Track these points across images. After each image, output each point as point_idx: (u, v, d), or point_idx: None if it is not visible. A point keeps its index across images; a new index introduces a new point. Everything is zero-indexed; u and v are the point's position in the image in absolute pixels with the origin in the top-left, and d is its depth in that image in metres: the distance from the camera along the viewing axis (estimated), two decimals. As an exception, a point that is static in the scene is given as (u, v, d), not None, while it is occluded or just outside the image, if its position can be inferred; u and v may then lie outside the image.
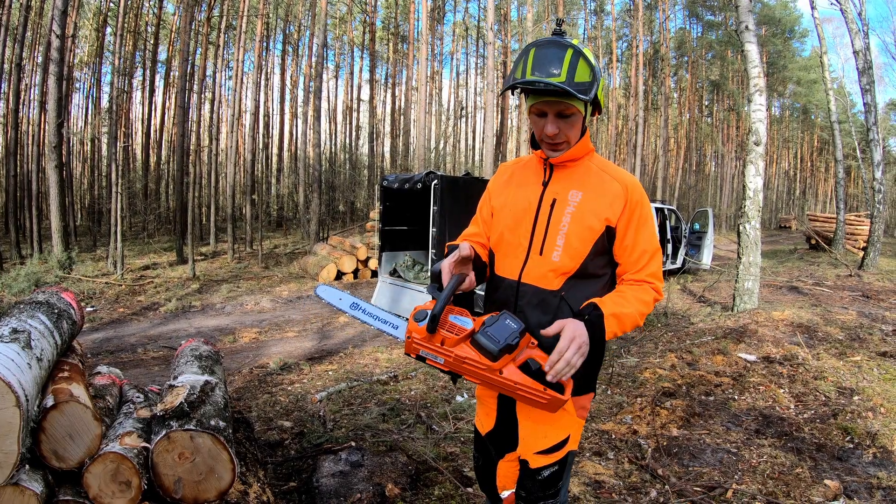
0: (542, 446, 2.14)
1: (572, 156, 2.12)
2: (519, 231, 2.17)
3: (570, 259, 2.07)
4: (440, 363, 1.92)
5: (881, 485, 3.91)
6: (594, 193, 2.08)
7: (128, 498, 2.34)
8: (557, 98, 1.95)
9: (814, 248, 23.31)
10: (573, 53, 1.90)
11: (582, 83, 1.89)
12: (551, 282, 2.09)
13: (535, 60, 1.91)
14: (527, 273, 2.13)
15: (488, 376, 1.86)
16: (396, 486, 3.76)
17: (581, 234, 2.05)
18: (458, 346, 1.89)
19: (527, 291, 2.14)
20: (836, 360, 6.62)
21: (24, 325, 2.55)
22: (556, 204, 2.11)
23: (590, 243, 2.06)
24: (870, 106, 17.41)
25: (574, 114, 2.00)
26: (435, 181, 9.99)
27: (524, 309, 2.13)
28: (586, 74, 1.90)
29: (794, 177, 63.94)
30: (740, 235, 9.85)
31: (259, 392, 6.35)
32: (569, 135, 2.05)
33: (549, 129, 2.02)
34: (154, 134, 33.36)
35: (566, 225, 2.07)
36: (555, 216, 2.10)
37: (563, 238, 2.06)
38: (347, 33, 40.75)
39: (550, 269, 2.09)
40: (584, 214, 2.06)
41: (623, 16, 43.03)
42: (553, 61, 1.89)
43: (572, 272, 2.08)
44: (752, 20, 9.94)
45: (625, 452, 4.51)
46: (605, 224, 2.05)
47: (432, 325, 1.88)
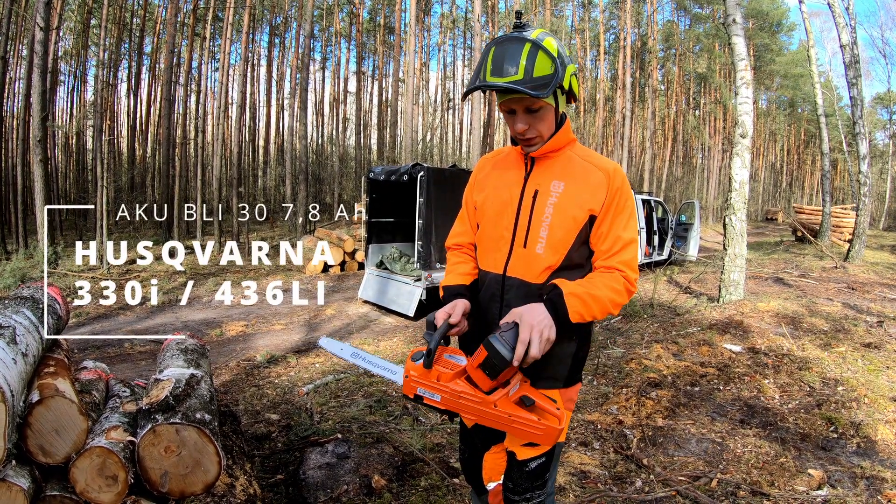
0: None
1: (552, 147, 2.10)
2: (501, 224, 2.16)
3: (553, 251, 2.05)
4: (437, 400, 1.94)
5: (864, 474, 3.96)
6: (577, 183, 2.07)
7: (115, 492, 2.34)
8: (521, 95, 1.93)
9: (800, 240, 23.45)
10: (531, 48, 1.88)
11: (542, 77, 1.87)
12: (536, 274, 2.08)
13: (493, 60, 1.90)
14: (511, 266, 2.13)
15: (483, 410, 1.88)
16: (383, 477, 3.78)
17: (564, 225, 2.04)
18: (453, 382, 1.91)
19: (513, 285, 2.13)
20: (820, 352, 6.68)
21: (8, 321, 2.54)
22: (538, 195, 2.09)
23: (573, 234, 2.04)
24: (856, 100, 17.52)
25: (542, 107, 1.99)
26: (421, 173, 9.96)
27: (511, 303, 2.11)
28: (546, 67, 1.88)
29: (781, 169, 64.24)
30: (726, 227, 9.90)
31: (246, 385, 6.34)
32: (539, 129, 2.04)
33: (519, 126, 2.01)
34: (140, 127, 33.11)
35: (549, 216, 2.05)
36: (537, 208, 2.08)
37: (547, 230, 2.05)
38: (334, 25, 40.52)
39: (535, 261, 2.08)
40: (566, 205, 2.04)
41: (611, 8, 43.07)
42: (510, 59, 1.87)
43: (557, 264, 2.06)
44: (739, 13, 9.97)
45: (610, 442, 4.54)
46: (588, 213, 2.04)
47: (428, 361, 1.91)
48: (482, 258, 2.26)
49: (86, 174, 28.85)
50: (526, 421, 1.86)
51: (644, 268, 14.75)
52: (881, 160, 47.69)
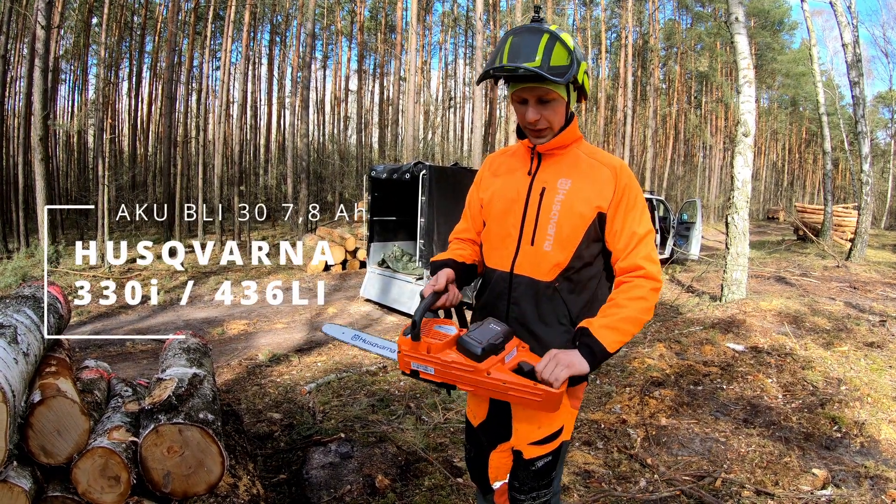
0: (537, 437, 2.12)
1: (559, 143, 2.10)
2: (508, 221, 2.15)
3: (561, 248, 2.04)
4: (431, 374, 1.92)
5: (868, 473, 3.95)
6: (583, 180, 2.06)
7: (117, 493, 2.33)
8: (536, 83, 1.93)
9: (802, 240, 23.44)
10: (549, 38, 1.88)
11: (558, 66, 1.87)
12: (544, 272, 2.07)
13: (510, 48, 1.89)
14: (519, 264, 2.11)
15: (476, 379, 1.85)
16: (386, 477, 3.77)
17: (572, 223, 2.03)
18: (443, 352, 1.90)
19: (520, 283, 2.12)
20: (823, 351, 6.67)
21: (10, 320, 2.53)
22: (545, 193, 2.08)
23: (581, 231, 2.03)
24: (858, 99, 17.51)
25: (555, 99, 1.98)
26: (423, 171, 9.94)
27: (518, 300, 2.12)
28: (563, 58, 1.88)
29: (783, 168, 64.17)
30: (728, 226, 9.89)
31: (248, 384, 6.33)
32: (551, 120, 2.03)
33: (530, 116, 2.00)
34: (141, 125, 33.10)
35: (556, 214, 2.04)
36: (544, 205, 2.07)
37: (555, 227, 2.04)
38: (335, 23, 40.49)
39: (543, 259, 2.06)
40: (573, 202, 2.03)
41: (612, 6, 42.99)
42: (529, 47, 1.87)
43: (566, 262, 2.05)
44: (741, 12, 9.96)
45: (614, 442, 4.53)
46: (596, 211, 2.02)
47: (415, 333, 1.90)
48: (488, 256, 2.25)
49: (87, 173, 28.83)
50: (522, 388, 1.82)
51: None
52: (883, 159, 47.62)
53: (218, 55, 29.03)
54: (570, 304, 2.09)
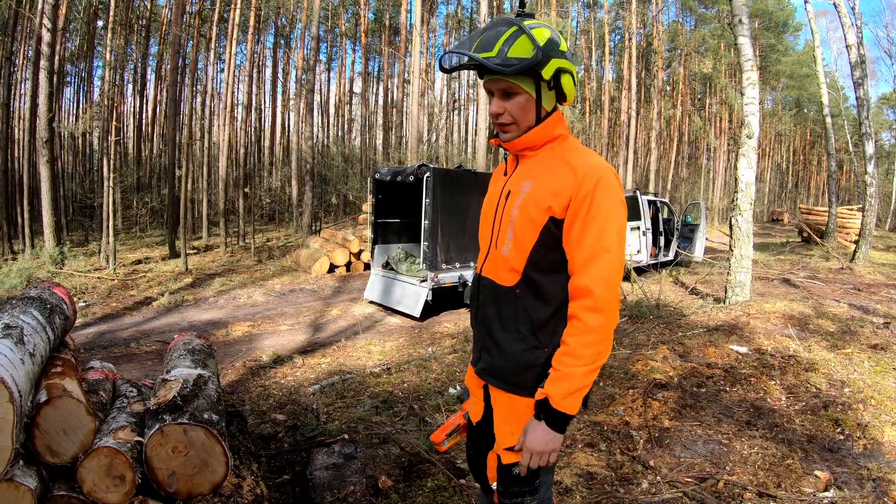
0: (510, 443, 2.09)
1: (527, 143, 2.04)
2: (486, 225, 2.18)
3: (517, 253, 2.00)
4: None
5: (871, 476, 3.95)
6: (542, 183, 1.97)
7: (122, 492, 2.34)
8: (497, 76, 1.90)
9: (806, 241, 23.38)
10: (515, 30, 1.84)
11: (515, 58, 1.82)
12: (504, 277, 2.05)
13: (481, 39, 1.88)
14: (486, 267, 2.14)
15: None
16: (389, 478, 3.78)
17: (525, 227, 1.97)
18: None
19: (485, 285, 2.14)
20: (827, 353, 6.67)
21: (16, 321, 2.55)
22: (510, 196, 2.06)
23: (533, 237, 1.96)
24: (862, 100, 17.48)
25: (519, 94, 1.93)
26: (427, 174, 9.94)
27: (484, 303, 2.14)
28: (525, 51, 1.82)
29: (787, 170, 64.13)
30: (732, 228, 9.88)
31: (252, 385, 6.35)
32: (515, 116, 1.97)
33: (493, 108, 1.98)
34: (146, 127, 33.25)
35: (515, 217, 2.01)
36: (507, 209, 2.05)
37: (513, 231, 2.01)
38: (340, 25, 40.55)
39: (502, 263, 2.05)
40: (528, 206, 1.97)
41: (616, 8, 43.03)
42: (492, 38, 1.85)
43: (520, 268, 2.01)
44: (745, 13, 9.95)
45: (617, 443, 4.53)
46: (547, 215, 1.92)
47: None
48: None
49: (92, 175, 28.94)
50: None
51: (650, 268, 14.75)
52: (887, 160, 47.63)
53: (223, 57, 29.09)
54: (532, 312, 2.03)
